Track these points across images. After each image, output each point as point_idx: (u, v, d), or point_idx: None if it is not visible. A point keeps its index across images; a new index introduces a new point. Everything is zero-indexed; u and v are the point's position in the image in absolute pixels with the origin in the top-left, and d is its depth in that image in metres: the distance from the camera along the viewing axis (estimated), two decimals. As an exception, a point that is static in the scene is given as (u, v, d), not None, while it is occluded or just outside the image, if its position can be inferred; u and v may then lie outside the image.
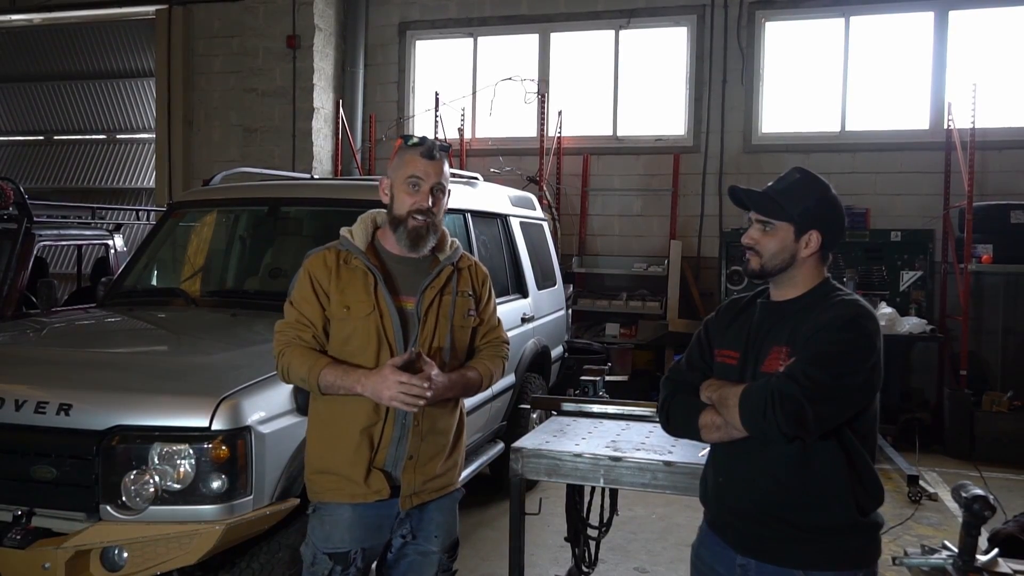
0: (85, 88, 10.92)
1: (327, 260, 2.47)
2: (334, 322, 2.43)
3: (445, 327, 2.46)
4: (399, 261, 2.49)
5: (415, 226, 2.42)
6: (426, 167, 2.41)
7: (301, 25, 8.82)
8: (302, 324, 2.43)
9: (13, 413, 2.95)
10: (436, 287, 2.48)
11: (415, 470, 2.43)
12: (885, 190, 7.77)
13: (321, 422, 2.46)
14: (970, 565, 2.37)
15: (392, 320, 2.39)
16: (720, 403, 2.04)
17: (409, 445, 2.41)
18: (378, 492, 2.39)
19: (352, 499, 2.39)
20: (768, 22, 8.20)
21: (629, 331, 8.16)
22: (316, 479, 2.46)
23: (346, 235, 2.50)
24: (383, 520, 2.44)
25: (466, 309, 2.54)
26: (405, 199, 2.42)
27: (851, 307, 2.01)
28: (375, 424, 2.39)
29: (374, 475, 2.39)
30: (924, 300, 7.26)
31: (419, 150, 2.42)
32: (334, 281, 2.43)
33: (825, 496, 2.00)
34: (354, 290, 2.41)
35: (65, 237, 6.41)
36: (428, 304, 2.45)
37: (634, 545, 4.70)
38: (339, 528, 2.40)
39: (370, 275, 2.42)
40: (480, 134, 8.97)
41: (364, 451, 2.38)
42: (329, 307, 2.42)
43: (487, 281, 2.65)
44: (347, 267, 2.44)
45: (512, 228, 5.57)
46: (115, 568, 2.84)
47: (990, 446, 6.55)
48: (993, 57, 7.69)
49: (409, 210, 2.41)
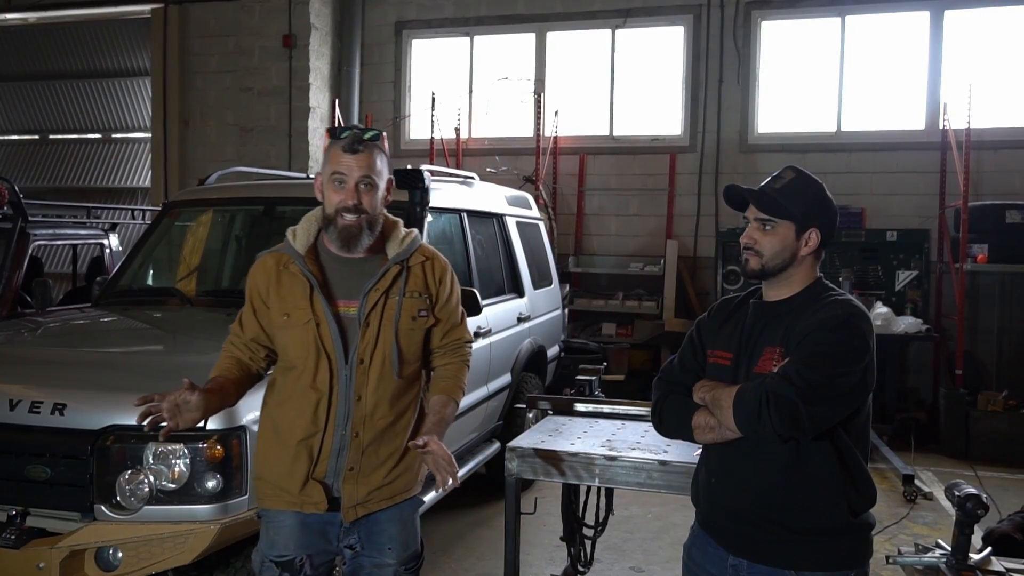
0: (81, 87, 10.90)
1: (267, 265, 2.34)
2: (276, 330, 2.31)
3: (390, 333, 2.29)
4: (344, 263, 2.34)
5: (344, 225, 2.26)
6: (349, 161, 2.25)
7: (297, 24, 8.81)
8: (235, 332, 2.36)
9: (8, 413, 2.95)
10: (381, 289, 2.30)
11: (357, 481, 2.28)
12: (881, 190, 7.78)
13: (265, 429, 2.37)
14: (963, 564, 2.37)
15: (330, 328, 2.25)
16: (713, 404, 2.03)
17: (349, 457, 2.28)
18: (315, 504, 2.27)
19: (290, 507, 2.30)
20: (764, 22, 8.21)
21: (625, 331, 8.17)
22: (258, 485, 2.37)
23: (288, 237, 2.36)
24: (328, 528, 2.32)
25: (416, 311, 2.35)
26: (332, 196, 2.27)
27: (844, 307, 2.01)
28: (314, 435, 2.27)
29: (311, 486, 2.27)
30: (920, 300, 7.27)
31: (341, 144, 2.27)
32: (273, 287, 2.31)
33: (817, 497, 2.00)
34: (293, 297, 2.28)
35: (60, 237, 6.39)
36: (371, 308, 2.29)
37: (630, 544, 4.70)
38: (282, 535, 2.31)
39: (307, 281, 2.28)
40: (476, 134, 8.97)
41: (302, 462, 2.27)
42: (270, 314, 2.31)
43: (446, 275, 2.45)
44: (287, 272, 2.31)
45: (508, 228, 5.57)
46: (110, 568, 2.85)
47: (985, 445, 6.57)
48: (989, 57, 7.70)
49: (336, 208, 2.26)
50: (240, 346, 2.35)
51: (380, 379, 2.28)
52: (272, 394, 2.38)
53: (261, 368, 2.38)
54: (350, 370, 2.26)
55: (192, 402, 2.12)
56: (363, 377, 2.27)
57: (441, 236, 4.67)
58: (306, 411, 2.26)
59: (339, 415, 2.27)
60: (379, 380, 2.28)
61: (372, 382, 2.27)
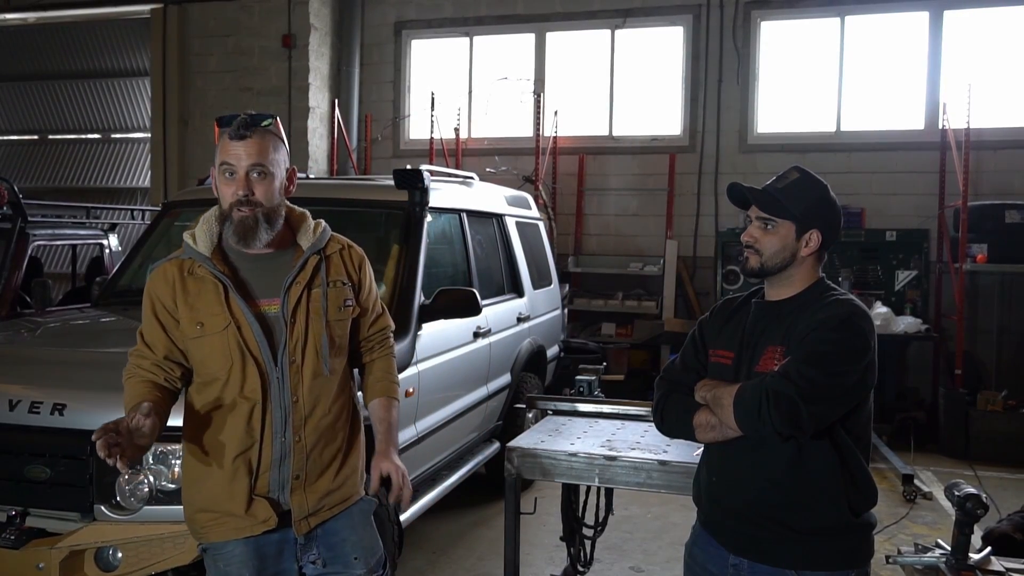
0: (80, 87, 10.89)
1: (167, 274, 2.14)
2: (189, 344, 2.12)
3: (319, 325, 2.16)
4: (254, 260, 2.17)
5: (240, 218, 2.09)
6: (237, 150, 2.07)
7: (297, 24, 8.81)
8: (141, 352, 2.15)
9: (7, 413, 2.95)
10: (302, 282, 2.16)
11: (305, 490, 2.15)
12: (880, 190, 7.78)
13: (191, 454, 2.15)
14: (963, 563, 2.37)
15: (253, 330, 2.09)
16: (714, 403, 2.04)
17: (294, 465, 2.13)
18: (265, 522, 2.11)
19: (239, 534, 2.11)
20: (764, 22, 8.21)
21: (625, 331, 8.16)
22: (197, 518, 2.16)
23: (187, 240, 2.16)
24: (283, 546, 2.16)
25: (342, 300, 2.23)
26: (224, 190, 2.11)
27: (845, 306, 2.01)
28: (250, 448, 2.10)
29: (257, 504, 2.10)
30: (919, 299, 7.28)
31: (228, 131, 2.09)
32: (180, 297, 2.11)
33: (818, 496, 2.00)
34: (205, 303, 2.10)
35: (60, 237, 6.40)
36: (295, 303, 2.15)
37: (629, 544, 4.70)
38: (234, 565, 2.12)
39: (219, 283, 2.11)
40: (476, 134, 8.97)
41: (242, 480, 2.10)
42: (180, 328, 2.11)
43: (365, 263, 2.34)
44: (193, 278, 2.13)
45: (508, 228, 5.57)
46: (109, 568, 2.85)
47: (985, 445, 6.57)
48: (988, 57, 7.70)
49: (230, 202, 2.09)
50: (151, 368, 2.13)
51: (314, 377, 2.16)
52: (192, 417, 2.17)
53: (178, 389, 2.17)
54: (281, 371, 2.12)
55: (145, 429, 1.94)
56: (297, 376, 2.13)
57: (441, 236, 4.66)
58: (238, 423, 2.10)
59: (276, 421, 2.11)
60: (313, 378, 2.15)
61: (307, 381, 2.15)
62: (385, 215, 4.37)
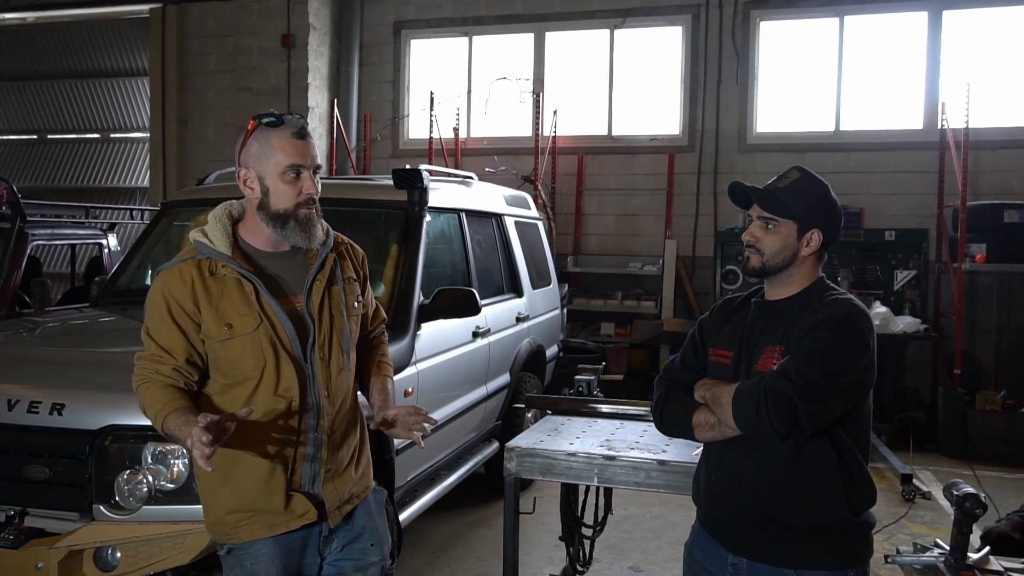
0: (79, 87, 10.90)
1: (185, 275, 2.08)
2: (214, 345, 2.08)
3: (341, 321, 2.20)
4: (272, 258, 2.17)
5: (306, 216, 2.12)
6: (302, 150, 2.09)
7: (296, 24, 8.81)
8: (159, 356, 2.08)
9: (6, 413, 2.95)
10: (323, 279, 2.19)
11: (335, 481, 2.19)
12: (879, 190, 7.78)
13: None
14: (962, 563, 2.37)
15: (286, 327, 2.09)
16: (713, 402, 2.04)
17: (326, 457, 2.16)
18: (304, 516, 2.12)
19: (272, 531, 2.11)
20: (763, 22, 8.21)
21: (624, 330, 8.17)
22: (226, 520, 2.13)
23: (201, 240, 2.11)
24: (309, 541, 2.18)
25: (355, 296, 2.28)
26: (287, 191, 2.09)
27: (844, 306, 2.02)
28: (287, 445, 2.11)
29: (296, 499, 2.12)
30: (918, 299, 7.28)
31: (289, 131, 2.08)
32: (203, 298, 2.07)
33: (817, 496, 2.00)
34: (231, 304, 2.07)
35: (59, 236, 6.40)
36: (320, 300, 2.17)
37: (629, 544, 4.70)
38: (261, 564, 2.12)
39: (247, 282, 2.09)
40: (475, 133, 8.97)
41: (279, 477, 2.10)
42: (204, 330, 2.07)
43: (364, 259, 2.39)
44: (214, 279, 2.09)
45: (507, 228, 5.57)
46: (108, 568, 2.85)
47: (984, 445, 6.57)
48: (987, 57, 7.70)
49: (297, 202, 2.10)
50: (171, 374, 2.07)
51: (339, 371, 2.20)
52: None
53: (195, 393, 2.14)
54: (312, 367, 2.14)
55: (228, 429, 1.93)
56: (325, 372, 2.17)
57: (440, 236, 4.66)
58: (274, 422, 2.09)
59: (310, 416, 2.14)
60: (338, 372, 2.20)
61: (333, 375, 2.19)
62: (384, 215, 4.37)
